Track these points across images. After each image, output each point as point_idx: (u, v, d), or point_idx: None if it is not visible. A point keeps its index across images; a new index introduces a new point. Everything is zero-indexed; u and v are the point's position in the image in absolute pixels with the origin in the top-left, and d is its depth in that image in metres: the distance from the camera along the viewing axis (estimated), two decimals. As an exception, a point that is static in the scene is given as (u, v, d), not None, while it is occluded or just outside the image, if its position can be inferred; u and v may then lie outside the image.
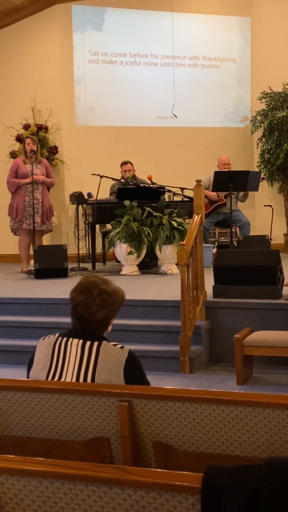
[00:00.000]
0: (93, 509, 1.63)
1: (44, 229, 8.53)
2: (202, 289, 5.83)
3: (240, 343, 5.01)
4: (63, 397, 2.45)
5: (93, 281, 2.88)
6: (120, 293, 2.93)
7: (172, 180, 8.78)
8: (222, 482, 1.52)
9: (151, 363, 5.13)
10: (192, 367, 5.34)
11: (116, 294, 2.90)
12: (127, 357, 2.78)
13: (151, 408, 2.35)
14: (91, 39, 9.98)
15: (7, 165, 9.06)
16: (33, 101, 9.72)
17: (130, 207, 7.59)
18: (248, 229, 8.82)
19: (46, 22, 9.86)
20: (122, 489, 1.59)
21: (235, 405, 2.26)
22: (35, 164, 8.31)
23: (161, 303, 5.91)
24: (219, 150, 9.95)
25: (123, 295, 2.95)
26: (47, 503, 1.66)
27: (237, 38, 10.45)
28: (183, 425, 2.32)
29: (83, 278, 2.94)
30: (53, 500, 1.65)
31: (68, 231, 9.61)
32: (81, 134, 9.95)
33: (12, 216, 8.40)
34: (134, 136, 10.04)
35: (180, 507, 1.56)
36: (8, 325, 6.09)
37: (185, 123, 10.24)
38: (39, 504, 1.67)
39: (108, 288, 2.88)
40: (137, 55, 10.18)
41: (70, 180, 9.85)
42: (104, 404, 2.40)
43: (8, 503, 1.69)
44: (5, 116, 9.78)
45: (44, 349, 2.85)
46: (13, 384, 2.53)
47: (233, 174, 8.10)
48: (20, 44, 9.97)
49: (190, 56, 10.33)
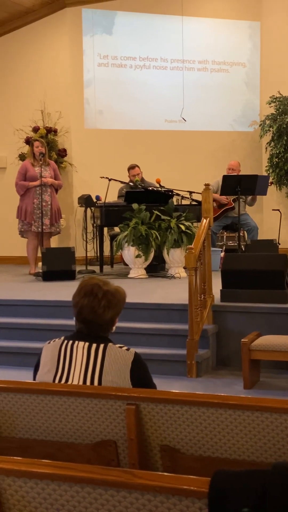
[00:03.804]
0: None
1: (52, 231, 8.54)
2: (210, 293, 5.82)
3: (247, 347, 5.00)
4: (70, 400, 2.45)
5: (95, 283, 2.89)
6: (122, 292, 2.95)
7: (180, 183, 8.78)
8: (229, 486, 1.52)
9: (158, 366, 5.13)
10: (199, 371, 5.33)
11: (119, 294, 2.92)
12: (133, 359, 2.78)
13: (158, 412, 2.35)
14: (100, 42, 10.00)
15: (16, 168, 9.07)
16: (43, 103, 9.75)
17: (138, 210, 7.59)
18: (256, 233, 8.81)
19: (56, 25, 9.89)
20: (129, 493, 1.59)
21: (242, 410, 2.25)
22: (43, 167, 8.32)
23: (168, 306, 5.90)
24: (228, 154, 9.94)
25: (125, 293, 2.97)
26: (54, 506, 1.66)
27: (247, 42, 10.44)
28: (190, 429, 2.32)
29: (83, 282, 2.94)
30: (60, 502, 1.65)
31: (76, 234, 9.62)
32: (90, 137, 9.97)
33: (20, 218, 8.41)
34: (143, 140, 10.05)
35: (187, 511, 1.56)
36: (15, 327, 6.10)
37: (194, 126, 10.24)
38: (46, 507, 1.67)
39: (111, 289, 2.90)
40: (146, 59, 10.19)
41: (79, 183, 9.86)
42: (111, 407, 2.40)
43: (15, 505, 1.69)
44: (14, 119, 9.81)
45: (50, 353, 2.85)
46: (20, 386, 2.53)
47: (241, 178, 8.09)
48: (30, 47, 10.00)
49: (200, 60, 10.34)
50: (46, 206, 8.30)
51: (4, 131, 9.92)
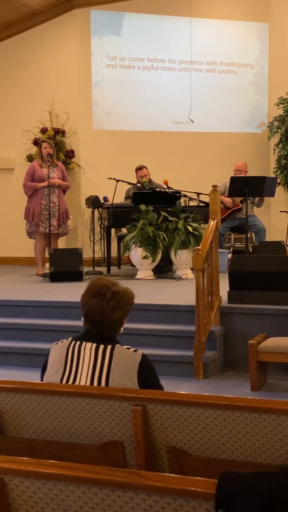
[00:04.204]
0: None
1: (60, 232, 8.56)
2: (217, 295, 5.81)
3: (255, 349, 4.99)
4: (77, 401, 2.46)
5: (104, 284, 2.89)
6: (130, 293, 2.95)
7: (188, 185, 8.77)
8: (237, 488, 1.51)
9: (165, 367, 5.12)
10: (206, 372, 5.32)
11: (128, 295, 2.92)
12: (140, 361, 2.78)
13: (165, 413, 2.35)
14: (109, 43, 10.01)
15: (23, 169, 9.10)
16: (51, 105, 9.77)
17: (146, 211, 7.59)
18: (263, 234, 8.79)
19: (65, 26, 9.91)
20: (136, 494, 1.59)
21: (250, 411, 2.25)
22: (51, 168, 8.34)
23: (175, 307, 5.90)
24: (236, 156, 9.93)
25: (133, 295, 2.97)
26: (61, 506, 1.66)
27: (255, 44, 10.43)
28: (197, 430, 2.32)
29: (92, 282, 2.94)
30: (67, 503, 1.65)
31: (83, 235, 9.63)
32: (98, 138, 9.98)
33: (28, 219, 8.43)
34: (151, 141, 10.05)
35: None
36: (23, 327, 6.11)
37: (202, 128, 10.24)
38: (53, 507, 1.67)
39: (119, 290, 2.90)
40: (154, 60, 10.20)
41: (86, 184, 9.87)
42: (118, 408, 2.40)
43: (22, 505, 1.69)
44: (22, 120, 9.83)
45: (58, 354, 2.85)
46: (27, 387, 2.53)
47: (249, 180, 8.08)
48: (39, 48, 10.02)
49: (208, 61, 10.33)
50: (53, 207, 8.32)
51: (12, 132, 9.94)
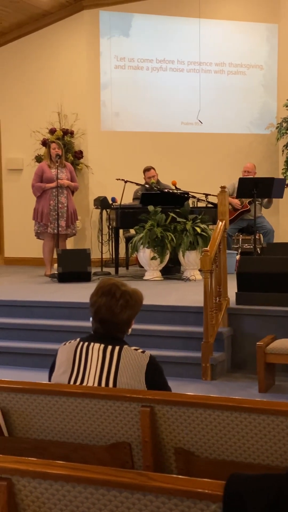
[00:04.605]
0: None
1: (68, 233, 8.57)
2: (225, 296, 5.81)
3: (263, 350, 4.98)
4: (85, 401, 2.46)
5: (113, 283, 2.91)
6: (139, 293, 2.96)
7: (196, 186, 8.77)
8: (244, 490, 1.51)
9: (173, 368, 5.12)
10: (214, 373, 5.32)
11: (137, 295, 2.93)
12: (148, 362, 2.78)
13: (173, 414, 2.34)
14: (117, 44, 10.02)
15: (32, 169, 9.12)
16: (59, 106, 9.78)
17: (154, 212, 7.59)
18: (272, 236, 8.77)
19: (74, 27, 9.92)
20: (143, 495, 1.59)
21: (258, 413, 2.24)
22: (60, 168, 8.35)
23: (183, 309, 5.89)
24: (244, 157, 9.92)
25: (142, 295, 2.98)
26: (68, 507, 1.66)
27: (264, 45, 10.42)
28: (204, 432, 2.32)
29: (102, 282, 2.95)
30: (74, 504, 1.65)
31: (91, 236, 9.64)
32: (106, 139, 9.99)
33: (36, 220, 8.44)
34: (159, 142, 10.05)
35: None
36: (31, 328, 6.12)
37: (210, 129, 10.23)
38: (61, 508, 1.67)
39: (129, 289, 2.91)
40: (163, 61, 10.20)
41: (95, 185, 9.88)
42: (126, 409, 2.40)
43: (30, 505, 1.69)
44: (31, 121, 9.85)
45: (66, 354, 2.85)
46: (35, 387, 2.54)
47: (257, 181, 8.06)
48: (48, 49, 10.04)
49: (216, 62, 10.32)
50: (62, 208, 8.33)
51: (21, 133, 9.96)
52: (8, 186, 10.29)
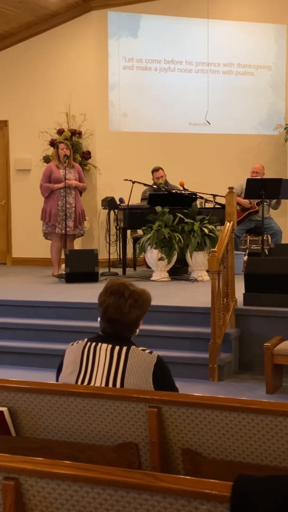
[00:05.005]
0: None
1: (76, 234, 8.57)
2: (233, 297, 5.80)
3: (270, 351, 4.98)
4: (92, 402, 2.46)
5: (122, 283, 2.91)
6: (148, 293, 2.97)
7: (204, 186, 8.76)
8: (252, 491, 1.51)
9: (180, 369, 5.12)
10: (221, 374, 5.31)
11: (145, 295, 2.94)
12: (155, 362, 2.78)
13: (180, 415, 2.34)
14: (126, 45, 10.03)
15: (40, 170, 9.13)
16: (68, 106, 9.80)
17: (162, 213, 7.59)
18: (279, 237, 8.76)
19: (82, 28, 9.93)
20: (151, 495, 1.59)
21: (265, 414, 2.24)
22: (68, 169, 8.36)
23: (191, 309, 5.89)
24: (252, 157, 9.91)
25: (150, 295, 2.99)
26: (75, 507, 1.66)
27: (272, 45, 10.40)
28: (212, 433, 2.31)
29: (110, 281, 2.96)
30: (82, 504, 1.65)
31: (99, 236, 9.65)
32: (114, 139, 9.99)
33: (45, 220, 8.45)
34: (167, 142, 10.05)
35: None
36: (38, 328, 6.13)
37: (218, 129, 10.22)
38: (68, 508, 1.67)
39: (137, 289, 2.92)
40: (171, 62, 10.20)
41: (102, 185, 9.89)
42: (133, 410, 2.40)
43: (37, 505, 1.69)
44: (39, 121, 9.87)
45: (73, 355, 2.86)
46: (43, 387, 2.54)
47: (265, 182, 8.05)
48: (56, 49, 10.06)
49: (225, 63, 10.31)
50: (70, 208, 8.34)
51: (29, 133, 9.98)
52: (16, 187, 10.31)
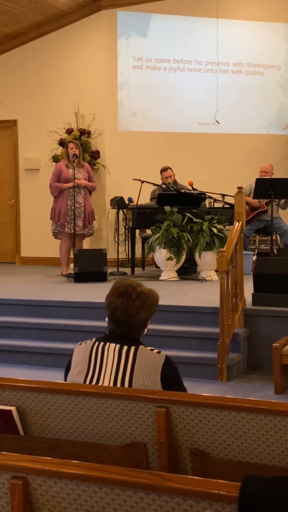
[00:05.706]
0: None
1: (85, 233, 8.58)
2: (241, 297, 5.79)
3: (279, 352, 4.96)
4: (100, 401, 2.46)
5: (129, 284, 2.90)
6: (155, 294, 2.95)
7: (213, 186, 8.75)
8: (260, 492, 1.50)
9: (188, 369, 5.11)
10: (230, 374, 5.30)
11: (153, 296, 2.92)
12: (164, 362, 2.78)
13: (188, 415, 2.34)
14: (135, 45, 10.03)
15: (49, 169, 9.15)
16: (77, 106, 9.80)
17: (171, 212, 7.58)
18: (289, 237, 8.74)
19: (92, 27, 9.94)
20: (158, 496, 1.59)
21: (274, 415, 2.23)
22: (77, 168, 8.37)
23: (199, 309, 5.89)
24: (261, 157, 9.88)
25: (158, 296, 2.97)
26: (83, 507, 1.66)
27: (282, 45, 10.37)
28: (220, 433, 2.31)
29: (117, 282, 2.95)
30: (89, 503, 1.65)
31: (108, 236, 9.65)
32: (123, 139, 9.99)
33: (54, 220, 8.46)
34: (176, 142, 10.04)
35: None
36: (47, 327, 6.14)
37: (228, 129, 10.21)
38: (76, 507, 1.67)
39: (145, 290, 2.90)
40: (181, 61, 10.19)
41: (111, 185, 9.89)
42: (141, 410, 2.40)
43: (45, 505, 1.69)
44: (48, 121, 9.89)
45: (81, 354, 2.86)
46: (51, 387, 2.54)
47: (275, 182, 8.04)
48: (65, 49, 10.07)
49: (234, 63, 10.29)
50: (79, 208, 8.34)
51: (38, 133, 10.00)
52: (26, 186, 10.33)
